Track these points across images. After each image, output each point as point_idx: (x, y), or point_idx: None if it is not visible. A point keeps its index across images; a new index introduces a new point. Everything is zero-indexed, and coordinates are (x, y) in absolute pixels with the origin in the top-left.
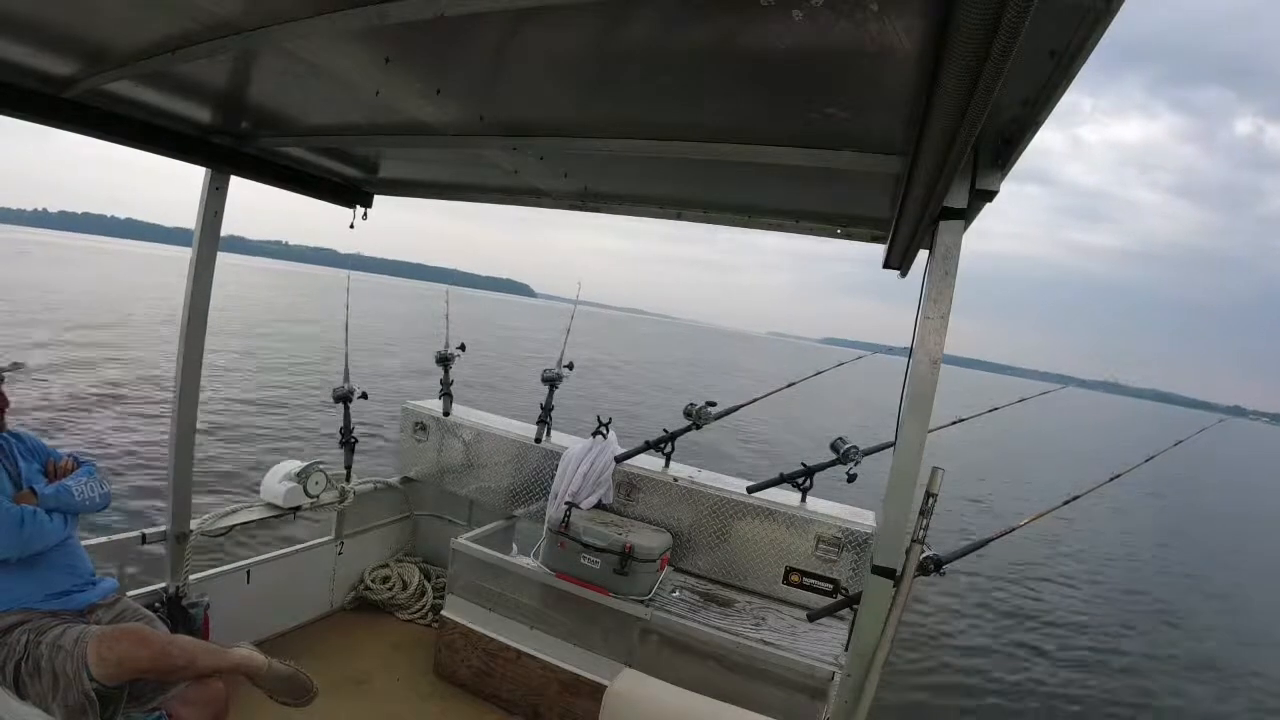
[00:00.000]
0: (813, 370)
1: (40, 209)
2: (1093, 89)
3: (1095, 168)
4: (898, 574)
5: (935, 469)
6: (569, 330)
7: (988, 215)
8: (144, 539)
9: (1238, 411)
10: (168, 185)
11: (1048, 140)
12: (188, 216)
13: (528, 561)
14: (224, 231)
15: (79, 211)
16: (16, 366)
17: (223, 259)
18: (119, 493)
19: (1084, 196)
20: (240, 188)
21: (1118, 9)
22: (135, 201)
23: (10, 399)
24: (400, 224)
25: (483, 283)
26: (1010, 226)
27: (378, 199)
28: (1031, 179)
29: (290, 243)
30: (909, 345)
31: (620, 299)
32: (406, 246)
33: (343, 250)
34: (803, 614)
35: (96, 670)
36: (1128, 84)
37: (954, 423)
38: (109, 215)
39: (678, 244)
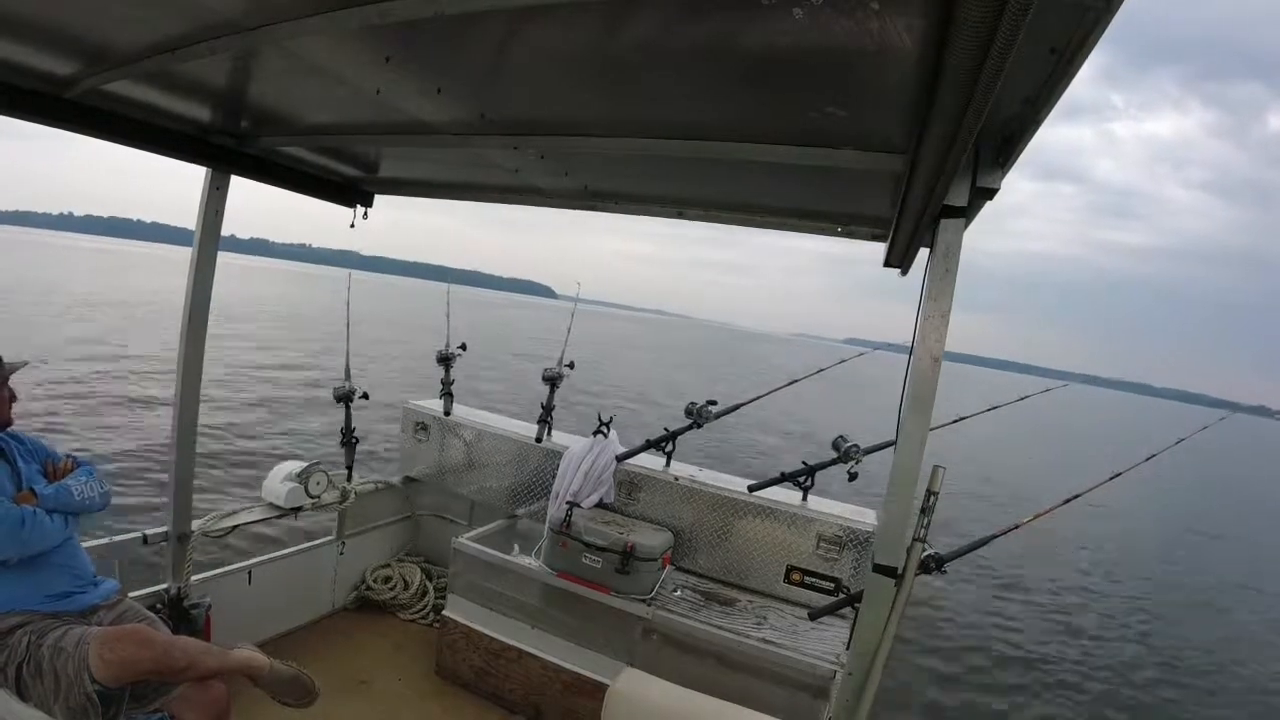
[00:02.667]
0: (816, 369)
1: (65, 212)
2: (1125, 84)
3: (1128, 164)
4: (899, 572)
5: (936, 467)
6: (569, 329)
7: (1012, 215)
8: (145, 540)
9: (1263, 411)
10: (191, 187)
11: (1079, 137)
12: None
13: (529, 561)
14: (248, 235)
15: (104, 215)
16: (14, 368)
17: (255, 262)
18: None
19: (1115, 194)
20: (263, 193)
21: (1118, 7)
22: (158, 205)
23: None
24: (421, 226)
25: (504, 284)
26: (1037, 224)
27: (384, 199)
28: (1062, 176)
29: (314, 245)
30: (910, 343)
31: (644, 300)
32: (427, 248)
33: (366, 253)
34: (804, 613)
35: (98, 672)
36: (1161, 78)
37: (954, 421)
38: (135, 219)
39: (708, 247)
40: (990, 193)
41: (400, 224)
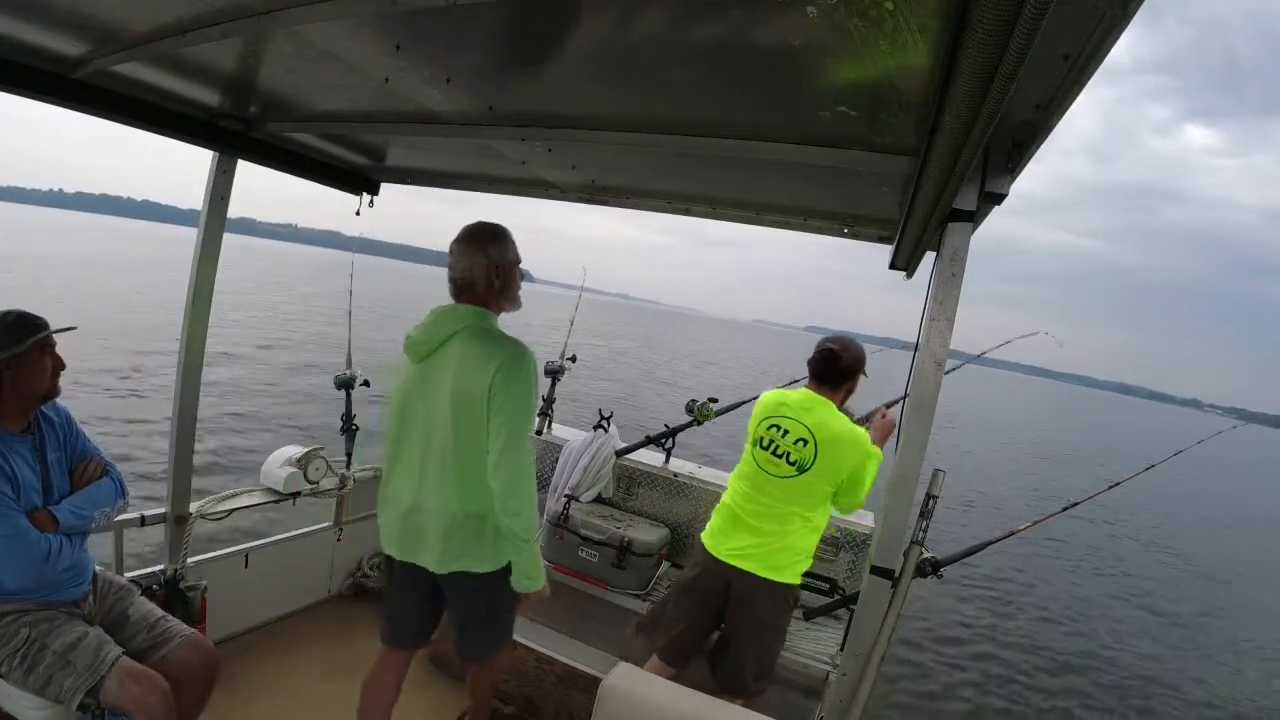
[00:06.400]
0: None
1: (55, 189)
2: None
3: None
4: (896, 575)
5: (936, 471)
6: (572, 321)
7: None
8: (143, 521)
9: (1195, 404)
10: (185, 163)
11: None
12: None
13: None
14: (234, 214)
15: (96, 192)
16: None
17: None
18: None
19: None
20: (252, 170)
21: (1134, 13)
22: (149, 181)
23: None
24: (397, 208)
25: None
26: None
27: (384, 186)
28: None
29: (300, 226)
30: (914, 344)
31: (611, 284)
32: (407, 230)
33: (348, 234)
34: (799, 612)
35: (107, 698)
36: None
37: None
38: (125, 197)
39: (660, 233)
40: (999, 198)
41: (379, 205)
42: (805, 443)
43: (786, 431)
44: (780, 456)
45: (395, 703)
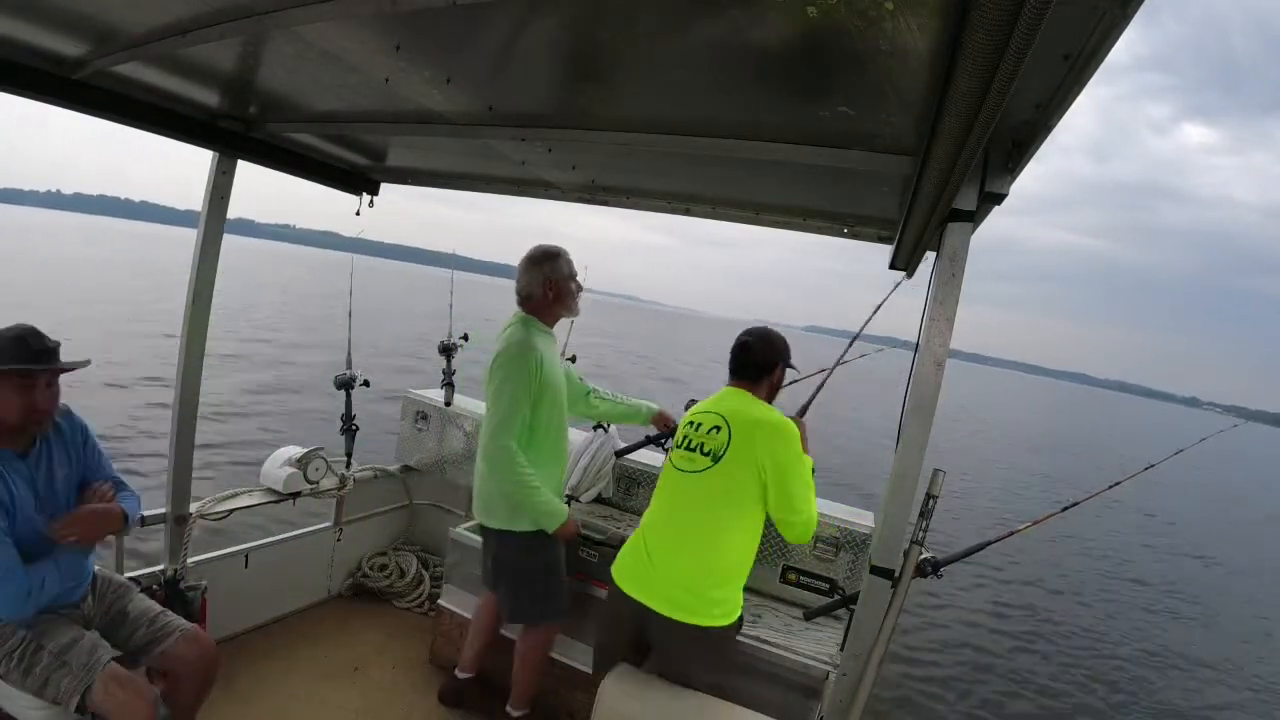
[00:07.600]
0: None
1: (53, 190)
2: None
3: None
4: (896, 575)
5: (936, 471)
6: (571, 322)
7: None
8: (143, 521)
9: (1194, 402)
10: (176, 166)
11: None
12: (199, 198)
13: None
14: (232, 214)
15: (94, 194)
16: (70, 366)
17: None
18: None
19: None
20: (250, 170)
21: (1134, 13)
22: (146, 182)
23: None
24: (399, 209)
25: (482, 267)
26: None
27: (384, 186)
28: None
29: (298, 226)
30: (914, 344)
31: (615, 285)
32: (405, 230)
33: (346, 234)
34: (799, 612)
35: (92, 701)
36: None
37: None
38: (123, 198)
39: (659, 234)
40: (999, 198)
41: (377, 205)
42: (719, 429)
43: (700, 424)
44: (695, 449)
45: (497, 636)
